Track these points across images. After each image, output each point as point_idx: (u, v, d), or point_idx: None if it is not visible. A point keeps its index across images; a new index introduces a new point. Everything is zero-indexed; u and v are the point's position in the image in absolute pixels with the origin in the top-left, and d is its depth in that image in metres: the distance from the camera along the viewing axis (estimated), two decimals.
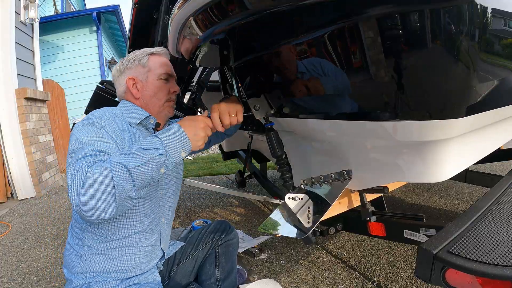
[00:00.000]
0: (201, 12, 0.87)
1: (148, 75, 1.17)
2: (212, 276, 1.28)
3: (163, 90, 1.18)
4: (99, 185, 0.82)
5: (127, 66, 1.18)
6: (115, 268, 1.05)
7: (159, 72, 1.18)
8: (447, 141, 0.88)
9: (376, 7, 0.73)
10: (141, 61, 1.18)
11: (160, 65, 1.19)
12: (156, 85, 1.17)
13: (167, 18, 1.59)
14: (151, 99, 1.17)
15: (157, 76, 1.18)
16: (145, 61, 1.18)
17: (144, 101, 1.17)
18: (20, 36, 4.31)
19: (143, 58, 1.18)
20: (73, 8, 10.73)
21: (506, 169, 1.63)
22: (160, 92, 1.18)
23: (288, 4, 0.78)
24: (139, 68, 1.18)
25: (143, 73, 1.17)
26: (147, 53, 1.19)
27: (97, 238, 1.05)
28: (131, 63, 1.18)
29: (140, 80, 1.17)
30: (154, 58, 1.19)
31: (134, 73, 1.18)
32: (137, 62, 1.18)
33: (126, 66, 1.18)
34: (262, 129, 1.26)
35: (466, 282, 0.78)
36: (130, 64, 1.18)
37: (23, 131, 4.02)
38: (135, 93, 1.17)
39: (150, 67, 1.18)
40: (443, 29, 0.69)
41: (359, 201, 1.45)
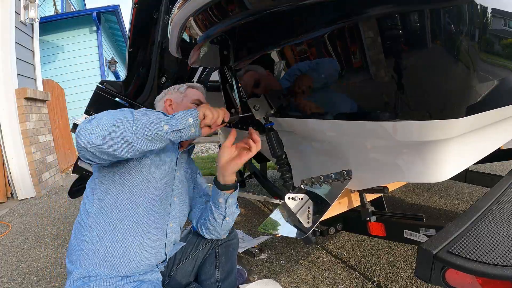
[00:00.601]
0: (201, 12, 0.87)
1: (183, 99, 1.34)
2: (212, 276, 1.28)
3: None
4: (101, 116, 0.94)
5: (168, 92, 1.39)
6: (116, 262, 1.05)
7: (192, 98, 1.35)
8: (447, 141, 0.88)
9: (376, 7, 0.74)
10: (180, 89, 1.38)
11: (194, 94, 1.37)
12: (188, 106, 1.29)
13: (167, 18, 1.60)
14: None
15: (190, 100, 1.34)
16: (183, 89, 1.37)
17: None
18: (20, 36, 4.31)
19: (181, 87, 1.39)
20: (73, 8, 10.73)
21: (506, 169, 1.63)
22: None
23: (287, 4, 0.78)
24: (177, 93, 1.37)
25: (180, 97, 1.35)
26: (187, 85, 1.41)
27: (102, 219, 1.07)
28: (172, 90, 1.39)
29: (175, 102, 1.34)
30: (192, 90, 1.39)
31: (172, 96, 1.36)
32: (176, 90, 1.37)
33: (167, 92, 1.39)
34: (262, 129, 1.26)
35: (466, 282, 0.78)
36: (171, 91, 1.39)
37: (23, 131, 4.02)
38: (168, 111, 1.30)
39: (187, 94, 1.36)
40: (443, 29, 0.69)
41: (359, 201, 1.45)
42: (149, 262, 1.12)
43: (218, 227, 1.24)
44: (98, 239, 1.05)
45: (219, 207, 1.20)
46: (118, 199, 1.07)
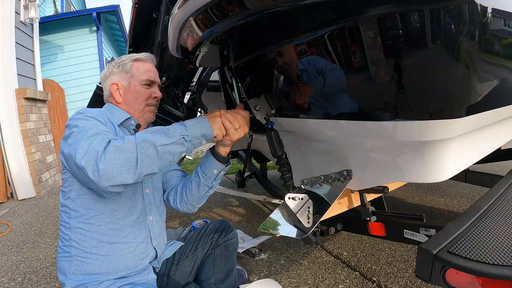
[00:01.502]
0: (201, 12, 0.87)
1: (131, 81, 1.21)
2: (212, 277, 1.28)
3: (144, 96, 1.22)
4: (122, 154, 0.86)
5: (112, 71, 1.22)
6: (106, 268, 1.06)
7: (141, 79, 1.21)
8: (447, 141, 0.88)
9: (376, 7, 0.74)
10: (125, 67, 1.21)
11: (143, 72, 1.22)
12: (137, 91, 1.21)
13: (167, 18, 1.60)
14: (132, 104, 1.21)
15: (139, 82, 1.21)
16: (128, 67, 1.21)
17: (126, 105, 1.21)
18: (20, 36, 4.31)
19: (126, 64, 1.21)
20: (73, 8, 10.72)
21: (506, 169, 1.63)
22: (141, 97, 1.22)
23: (287, 4, 0.78)
24: (122, 74, 1.21)
25: (126, 79, 1.21)
26: (132, 59, 1.23)
27: (85, 235, 1.06)
28: (115, 68, 1.22)
29: (122, 85, 1.21)
30: (138, 64, 1.23)
31: (117, 78, 1.21)
32: (121, 68, 1.21)
33: (111, 71, 1.22)
34: (262, 129, 1.26)
35: (466, 282, 0.78)
36: (114, 69, 1.22)
37: (23, 131, 4.02)
38: (117, 98, 1.21)
39: (133, 73, 1.21)
40: (443, 29, 0.69)
41: (359, 201, 1.45)
42: (140, 261, 1.12)
43: (198, 199, 1.25)
44: (85, 253, 1.06)
45: (209, 178, 1.22)
46: (97, 211, 1.07)
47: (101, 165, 0.84)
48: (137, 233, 1.14)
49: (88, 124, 1.00)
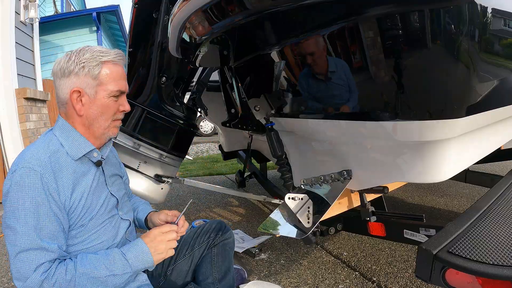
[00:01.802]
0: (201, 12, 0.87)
1: (98, 90, 0.98)
2: (209, 276, 1.28)
3: (112, 110, 1.02)
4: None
5: (75, 71, 0.96)
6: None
7: (111, 89, 0.99)
8: (447, 141, 0.88)
9: (376, 7, 0.74)
10: (92, 71, 0.97)
11: (114, 79, 1.00)
12: (104, 104, 1.00)
13: (167, 18, 1.60)
14: (95, 120, 1.01)
15: (108, 93, 0.99)
16: (97, 72, 0.97)
17: (88, 120, 1.01)
18: (20, 36, 4.31)
19: (95, 68, 0.97)
20: (73, 8, 10.73)
21: (506, 169, 1.63)
22: (108, 112, 1.01)
23: (286, 4, 0.79)
24: (88, 79, 0.97)
25: (92, 87, 0.97)
26: (101, 60, 0.98)
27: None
28: (79, 68, 0.96)
29: (87, 94, 0.98)
30: (108, 68, 0.99)
31: (81, 83, 0.96)
32: (87, 70, 0.96)
33: (73, 70, 0.97)
34: (262, 129, 1.26)
35: (466, 282, 0.78)
36: (78, 69, 0.96)
37: (23, 131, 4.02)
38: (78, 109, 0.98)
39: (102, 80, 0.98)
40: (443, 29, 0.69)
41: (359, 201, 1.45)
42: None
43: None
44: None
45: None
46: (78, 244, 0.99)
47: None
48: (116, 240, 1.08)
49: (27, 211, 0.86)
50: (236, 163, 4.80)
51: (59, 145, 0.98)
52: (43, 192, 0.88)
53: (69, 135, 1.01)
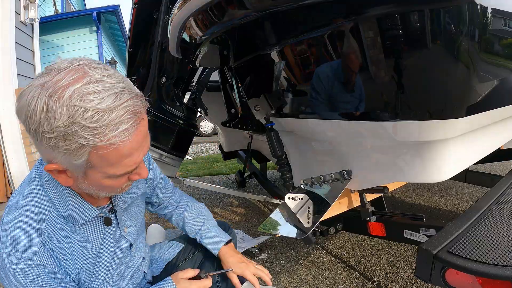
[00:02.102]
0: (201, 12, 0.87)
1: (89, 173, 0.65)
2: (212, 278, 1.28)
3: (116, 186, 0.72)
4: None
5: (44, 145, 0.59)
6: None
7: (110, 173, 0.66)
8: (447, 141, 0.88)
9: (376, 7, 0.74)
10: (73, 158, 0.60)
11: (114, 163, 0.64)
12: (102, 184, 0.69)
13: (167, 18, 1.60)
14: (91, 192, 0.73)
15: (106, 176, 0.66)
16: (82, 160, 0.61)
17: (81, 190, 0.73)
18: (20, 36, 4.31)
19: (76, 154, 0.59)
20: (73, 8, 10.73)
21: (506, 169, 1.63)
22: (110, 189, 0.73)
23: (286, 4, 0.79)
24: (69, 160, 0.61)
25: (78, 168, 0.64)
26: (91, 144, 0.58)
27: None
28: (52, 146, 0.58)
29: (73, 175, 0.67)
30: (104, 153, 0.60)
31: (60, 161, 0.62)
32: (63, 153, 0.59)
33: (43, 142, 0.59)
34: (262, 129, 1.26)
35: (466, 282, 0.78)
36: (50, 146, 0.59)
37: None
38: (63, 182, 0.69)
39: (94, 164, 0.63)
40: (443, 29, 0.70)
41: (359, 201, 1.45)
42: (136, 281, 1.03)
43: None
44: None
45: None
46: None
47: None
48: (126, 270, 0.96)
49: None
50: (236, 163, 4.79)
51: (52, 208, 0.73)
52: (46, 274, 0.71)
53: (61, 194, 0.74)
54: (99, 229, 0.82)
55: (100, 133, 0.57)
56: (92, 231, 0.80)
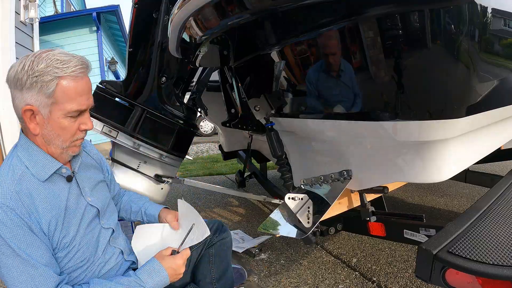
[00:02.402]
0: (201, 12, 0.87)
1: (52, 110, 0.86)
2: (207, 276, 1.28)
3: (70, 131, 0.90)
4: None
5: (27, 85, 0.84)
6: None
7: (68, 109, 0.87)
8: (447, 141, 0.88)
9: (376, 7, 0.74)
10: (45, 88, 0.84)
11: (71, 97, 0.86)
12: (60, 125, 0.88)
13: (167, 18, 1.60)
14: (52, 140, 0.91)
15: (64, 113, 0.87)
16: (51, 90, 0.84)
17: (45, 139, 0.91)
18: (20, 36, 4.31)
19: (48, 84, 0.84)
20: (73, 8, 10.73)
21: (506, 169, 1.63)
22: (65, 134, 0.90)
23: (287, 4, 0.79)
24: (41, 96, 0.84)
25: (46, 106, 0.85)
26: (56, 75, 0.84)
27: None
28: (31, 83, 0.84)
29: (41, 113, 0.86)
30: (65, 85, 0.85)
31: (34, 100, 0.85)
32: (39, 87, 0.84)
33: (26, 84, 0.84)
34: (262, 129, 1.26)
35: (466, 282, 0.78)
36: (30, 84, 0.84)
37: None
38: (32, 128, 0.88)
39: (57, 99, 0.85)
40: (443, 29, 0.70)
41: (359, 201, 1.45)
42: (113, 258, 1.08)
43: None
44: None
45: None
46: (63, 265, 0.94)
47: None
48: (105, 252, 1.05)
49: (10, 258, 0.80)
50: (236, 163, 4.80)
51: (24, 167, 0.89)
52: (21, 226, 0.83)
53: (31, 155, 0.91)
54: (63, 187, 0.96)
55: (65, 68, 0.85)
56: (57, 187, 0.94)
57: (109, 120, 1.80)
